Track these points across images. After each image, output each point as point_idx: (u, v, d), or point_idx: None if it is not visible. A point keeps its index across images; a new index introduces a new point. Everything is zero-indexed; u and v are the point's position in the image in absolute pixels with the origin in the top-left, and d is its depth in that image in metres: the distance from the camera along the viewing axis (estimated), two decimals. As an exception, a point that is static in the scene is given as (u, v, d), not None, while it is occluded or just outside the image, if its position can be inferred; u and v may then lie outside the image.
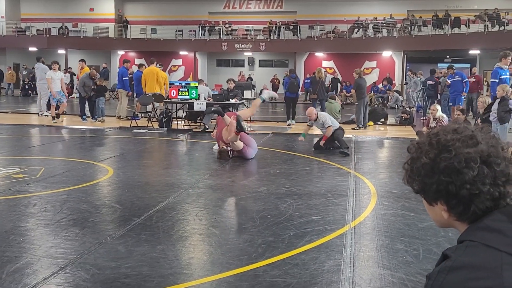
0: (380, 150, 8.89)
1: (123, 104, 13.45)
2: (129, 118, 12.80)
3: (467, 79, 12.69)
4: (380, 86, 22.30)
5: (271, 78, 26.49)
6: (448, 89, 12.93)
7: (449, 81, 12.82)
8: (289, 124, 12.76)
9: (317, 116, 8.32)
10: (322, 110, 12.36)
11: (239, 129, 7.25)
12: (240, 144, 7.37)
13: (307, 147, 9.08)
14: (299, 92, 15.93)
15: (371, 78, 27.79)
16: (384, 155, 8.42)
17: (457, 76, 12.65)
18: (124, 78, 13.35)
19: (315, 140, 9.16)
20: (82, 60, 14.30)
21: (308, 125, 8.70)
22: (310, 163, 7.36)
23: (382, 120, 13.23)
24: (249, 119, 13.36)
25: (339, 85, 24.67)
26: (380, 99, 21.03)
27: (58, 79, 12.31)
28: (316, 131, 11.01)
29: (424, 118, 13.53)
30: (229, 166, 7.02)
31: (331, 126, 8.21)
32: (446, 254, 0.95)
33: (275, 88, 25.70)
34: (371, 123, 12.76)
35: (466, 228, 0.99)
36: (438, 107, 9.60)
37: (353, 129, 11.64)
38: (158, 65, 13.25)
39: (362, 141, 10.00)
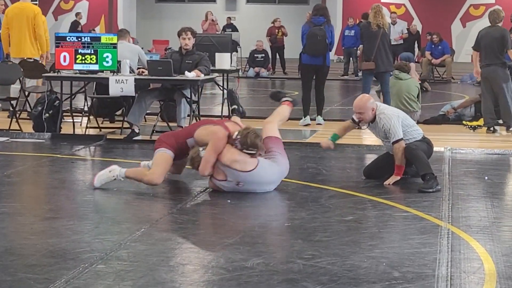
0: (503, 181, 8.90)
1: None
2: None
3: None
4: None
5: (268, 27, 26.51)
6: None
7: None
8: (311, 122, 12.75)
9: (376, 115, 8.26)
10: (385, 94, 12.34)
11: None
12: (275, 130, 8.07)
13: (347, 172, 9.04)
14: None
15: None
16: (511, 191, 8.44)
17: None
18: None
19: (368, 160, 9.17)
20: None
21: (352, 122, 8.63)
22: (355, 206, 7.34)
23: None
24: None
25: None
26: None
27: None
28: (368, 138, 10.98)
29: None
30: (190, 211, 7.00)
31: (402, 140, 8.10)
32: None
33: (276, 47, 25.67)
34: (481, 122, 12.81)
35: None
36: None
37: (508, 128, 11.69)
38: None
39: (466, 159, 10.04)
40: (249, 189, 7.58)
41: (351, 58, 24.58)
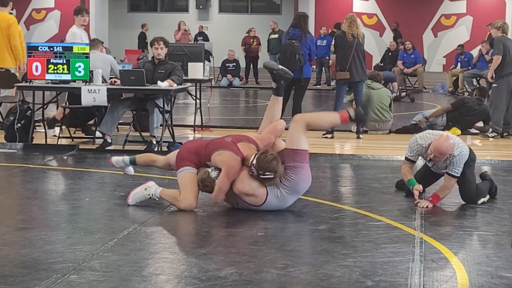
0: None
1: None
2: None
3: None
4: (476, 53, 22.54)
5: (243, 36, 26.58)
6: None
7: None
8: None
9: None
10: (358, 103, 12.39)
11: None
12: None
13: (320, 182, 9.06)
14: (313, 67, 15.80)
15: (454, 37, 28.01)
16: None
17: None
18: None
19: (341, 169, 9.13)
20: None
21: (409, 162, 8.12)
22: (328, 215, 7.37)
23: (480, 124, 13.36)
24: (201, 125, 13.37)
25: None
26: (475, 80, 21.04)
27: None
28: (341, 148, 10.95)
29: None
30: (163, 221, 7.01)
31: (456, 179, 7.80)
32: None
33: (251, 56, 25.75)
34: (456, 130, 12.89)
35: None
36: None
37: None
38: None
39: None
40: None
41: (323, 68, 24.69)
